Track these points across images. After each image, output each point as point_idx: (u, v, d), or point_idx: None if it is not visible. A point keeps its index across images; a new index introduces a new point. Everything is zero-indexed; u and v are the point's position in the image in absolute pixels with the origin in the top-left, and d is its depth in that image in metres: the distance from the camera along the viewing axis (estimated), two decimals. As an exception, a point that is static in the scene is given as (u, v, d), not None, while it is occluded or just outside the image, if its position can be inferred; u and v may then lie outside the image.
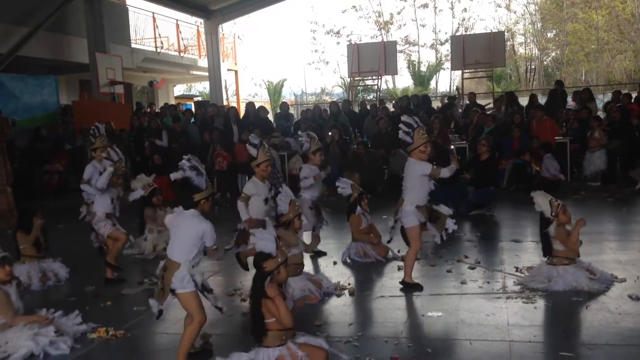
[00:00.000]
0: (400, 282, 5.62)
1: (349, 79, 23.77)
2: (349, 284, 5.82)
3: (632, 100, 13.38)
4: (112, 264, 6.36)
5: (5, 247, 4.98)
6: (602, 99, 19.49)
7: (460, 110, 15.45)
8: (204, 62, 24.55)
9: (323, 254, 7.07)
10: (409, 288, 5.53)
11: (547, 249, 5.57)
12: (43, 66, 18.60)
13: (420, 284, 5.61)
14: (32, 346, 4.38)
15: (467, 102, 14.99)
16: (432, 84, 36.34)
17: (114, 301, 5.74)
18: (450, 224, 5.60)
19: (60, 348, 4.46)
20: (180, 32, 24.33)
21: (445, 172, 5.40)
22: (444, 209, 5.63)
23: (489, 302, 5.11)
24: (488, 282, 5.67)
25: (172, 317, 4.96)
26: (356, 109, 18.43)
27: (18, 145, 13.76)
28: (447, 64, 32.24)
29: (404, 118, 5.55)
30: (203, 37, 24.39)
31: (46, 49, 17.58)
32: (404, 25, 40.15)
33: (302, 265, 5.56)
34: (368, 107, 15.30)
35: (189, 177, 4.10)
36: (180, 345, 4.06)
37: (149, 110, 17.47)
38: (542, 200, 5.55)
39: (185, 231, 4.07)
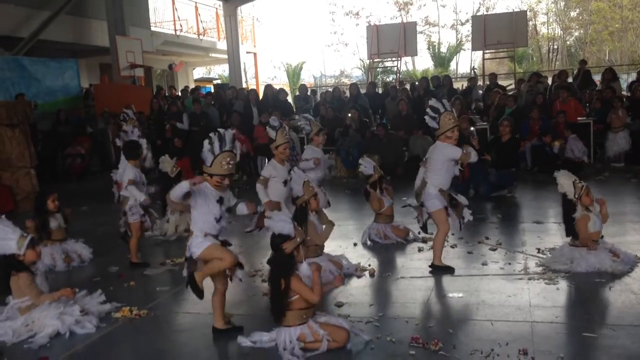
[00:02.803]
0: (430, 266, 5.61)
1: (368, 61, 23.61)
2: (369, 265, 5.83)
3: (658, 80, 13.11)
4: (136, 262, 6.36)
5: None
6: (626, 78, 19.12)
7: (480, 92, 15.26)
8: (222, 45, 24.53)
9: None
10: (440, 271, 5.51)
11: (570, 230, 5.52)
12: (64, 50, 18.74)
13: (451, 266, 5.58)
14: (59, 325, 4.46)
15: (488, 83, 14.78)
16: (452, 65, 36.00)
17: (138, 281, 5.82)
18: (467, 214, 5.62)
19: (85, 327, 4.54)
20: (199, 14, 24.31)
21: (473, 158, 5.38)
22: (462, 199, 5.64)
23: (510, 283, 5.08)
24: (509, 264, 5.64)
25: (195, 297, 5.01)
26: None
27: (41, 129, 13.93)
28: (468, 45, 31.80)
29: (431, 102, 5.46)
30: (222, 19, 24.35)
31: (67, 33, 17.71)
32: (424, 5, 39.95)
33: (322, 246, 5.58)
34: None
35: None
36: (214, 314, 4.28)
37: (172, 93, 17.49)
38: (565, 181, 5.48)
39: None
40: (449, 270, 5.52)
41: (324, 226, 5.61)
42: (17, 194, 10.09)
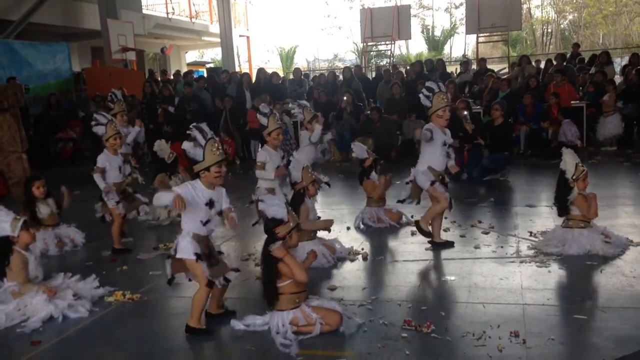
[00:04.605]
0: (430, 242, 5.66)
1: (361, 45, 23.50)
2: (362, 249, 5.84)
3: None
4: (118, 248, 6.31)
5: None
6: (619, 62, 19.11)
7: (472, 75, 15.21)
8: (215, 28, 24.34)
9: None
10: (439, 247, 5.58)
11: (562, 210, 5.53)
12: (55, 33, 18.57)
13: (450, 241, 5.69)
14: (52, 309, 4.46)
15: (478, 67, 14.70)
16: (446, 48, 35.93)
17: (130, 266, 5.81)
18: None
19: (78, 311, 4.54)
20: (191, -3, 24.14)
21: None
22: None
23: (502, 267, 5.11)
24: (502, 247, 5.67)
25: (188, 282, 5.01)
26: (369, 75, 18.28)
27: (32, 113, 13.83)
28: (462, 28, 31.76)
29: (428, 83, 5.57)
30: (214, 2, 24.13)
31: (58, 16, 17.55)
32: (418, -12, 39.46)
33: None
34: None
35: (184, 149, 4.02)
36: (191, 311, 4.09)
37: (165, 77, 17.37)
38: (570, 160, 5.47)
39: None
40: (449, 245, 5.66)
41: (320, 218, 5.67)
42: (9, 179, 10.05)
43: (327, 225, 5.64)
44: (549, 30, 39.68)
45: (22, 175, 9.93)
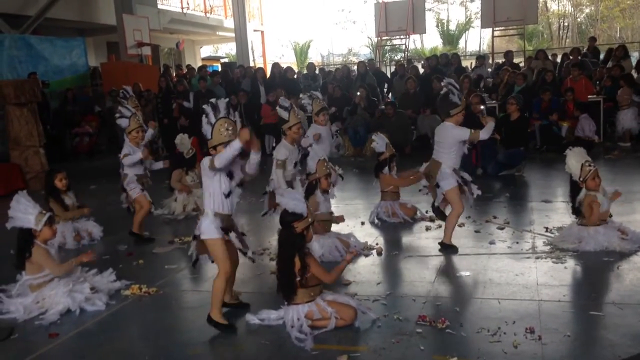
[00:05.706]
0: (439, 243, 5.61)
1: (376, 39, 23.41)
2: (377, 244, 5.84)
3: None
4: (137, 233, 6.43)
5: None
6: (637, 56, 18.87)
7: (489, 70, 15.12)
8: (229, 23, 24.38)
9: None
10: (446, 249, 5.51)
11: (576, 209, 5.50)
12: (71, 28, 18.70)
13: (455, 246, 5.56)
14: (69, 302, 4.51)
15: (503, 60, 14.59)
16: (461, 43, 35.71)
17: (146, 260, 5.86)
18: (475, 189, 5.58)
19: (95, 304, 4.59)
20: (205, -9, 24.18)
21: (483, 135, 5.32)
22: (465, 175, 5.59)
23: (518, 262, 5.08)
24: (517, 243, 5.64)
25: (204, 274, 5.06)
26: (385, 70, 18.21)
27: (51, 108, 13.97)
28: (477, 22, 31.55)
29: (449, 80, 5.49)
30: (229, -3, 24.19)
31: (74, 11, 17.68)
32: (433, -18, 39.24)
33: (330, 223, 5.59)
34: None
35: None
36: (211, 300, 4.11)
37: (180, 72, 17.43)
38: (573, 163, 5.43)
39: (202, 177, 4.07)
40: (453, 249, 5.51)
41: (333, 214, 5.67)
42: (26, 173, 10.15)
43: (338, 221, 5.64)
44: (566, 23, 39.30)
45: (40, 169, 10.04)
